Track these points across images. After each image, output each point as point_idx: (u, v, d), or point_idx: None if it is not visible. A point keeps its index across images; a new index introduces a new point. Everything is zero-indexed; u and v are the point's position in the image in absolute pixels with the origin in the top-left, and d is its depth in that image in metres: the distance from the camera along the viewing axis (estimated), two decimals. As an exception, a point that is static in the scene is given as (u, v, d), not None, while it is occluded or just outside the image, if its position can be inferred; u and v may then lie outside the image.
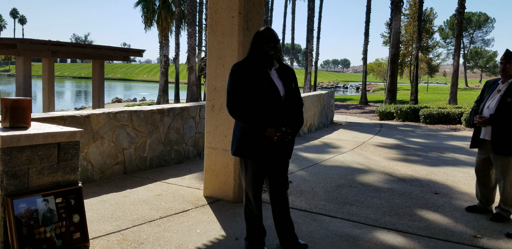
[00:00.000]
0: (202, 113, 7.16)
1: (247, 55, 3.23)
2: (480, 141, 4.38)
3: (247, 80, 3.09)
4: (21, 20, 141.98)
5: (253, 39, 3.18)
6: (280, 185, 3.36)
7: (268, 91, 3.10)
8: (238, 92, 3.10)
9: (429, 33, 41.12)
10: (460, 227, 4.07)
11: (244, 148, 3.18)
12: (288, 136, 3.09)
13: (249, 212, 3.32)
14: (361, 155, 7.86)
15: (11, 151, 2.85)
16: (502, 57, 4.28)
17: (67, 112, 5.41)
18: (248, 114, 3.08)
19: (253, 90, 3.09)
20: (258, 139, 3.11)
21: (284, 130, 3.06)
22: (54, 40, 18.60)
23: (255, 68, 3.14)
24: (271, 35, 3.13)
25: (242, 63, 3.18)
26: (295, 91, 3.28)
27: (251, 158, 3.19)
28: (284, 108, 3.15)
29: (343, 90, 77.20)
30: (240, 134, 3.20)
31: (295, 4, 40.09)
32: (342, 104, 30.43)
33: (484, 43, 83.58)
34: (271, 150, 3.16)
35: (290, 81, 3.25)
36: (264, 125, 3.06)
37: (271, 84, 3.12)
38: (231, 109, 3.14)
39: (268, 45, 3.11)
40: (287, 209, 3.42)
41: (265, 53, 3.13)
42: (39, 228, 2.96)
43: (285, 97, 3.16)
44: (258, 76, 3.12)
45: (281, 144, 3.17)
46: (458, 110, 14.59)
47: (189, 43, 27.42)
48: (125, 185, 5.31)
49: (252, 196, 3.26)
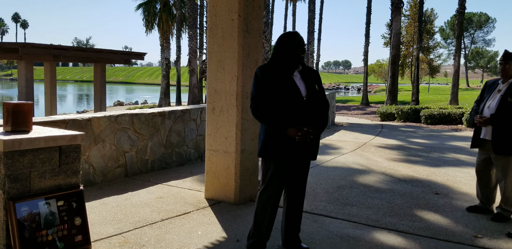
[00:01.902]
0: (203, 115, 7.19)
1: (273, 58, 3.26)
2: (480, 141, 4.39)
3: (270, 83, 3.14)
4: (23, 25, 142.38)
5: (282, 43, 3.22)
6: (299, 186, 3.36)
7: (289, 92, 3.14)
8: (261, 94, 3.15)
9: (429, 33, 41.09)
10: (461, 227, 4.07)
11: (268, 149, 3.20)
12: (310, 135, 3.09)
13: (260, 214, 3.31)
14: (362, 156, 7.87)
15: (13, 154, 2.87)
16: (501, 58, 4.31)
17: (69, 116, 5.44)
18: (270, 115, 3.12)
19: (275, 91, 3.13)
20: (280, 139, 3.13)
21: (305, 130, 3.07)
22: (56, 44, 18.69)
23: (279, 70, 3.19)
24: (301, 40, 3.23)
25: (266, 66, 3.24)
26: (319, 92, 3.29)
27: (274, 159, 3.20)
28: (306, 109, 3.17)
29: (345, 92, 77.18)
30: (264, 135, 3.22)
31: (295, 6, 40.21)
32: (344, 105, 30.42)
33: (485, 43, 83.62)
34: (294, 151, 3.16)
35: (313, 83, 3.28)
36: (286, 125, 3.08)
37: (292, 85, 3.16)
38: (254, 110, 3.19)
39: (301, 50, 3.20)
40: (301, 212, 3.44)
41: (297, 57, 3.21)
42: (41, 231, 2.97)
43: (307, 98, 3.18)
44: (281, 78, 3.16)
45: (304, 145, 3.16)
46: (459, 110, 14.58)
47: (190, 46, 27.47)
48: (127, 187, 5.33)
49: (270, 199, 3.25)
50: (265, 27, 19.73)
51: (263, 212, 3.30)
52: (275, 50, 3.26)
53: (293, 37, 3.22)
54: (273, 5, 37.09)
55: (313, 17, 33.46)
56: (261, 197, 3.30)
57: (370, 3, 30.75)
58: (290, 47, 3.20)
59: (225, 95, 4.61)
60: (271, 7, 37.04)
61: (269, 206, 3.28)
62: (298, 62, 3.23)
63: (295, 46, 3.19)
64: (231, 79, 4.56)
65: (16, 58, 16.88)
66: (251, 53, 4.63)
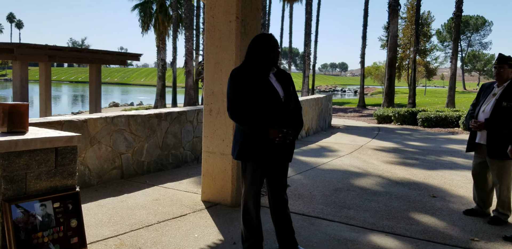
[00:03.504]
0: (199, 117, 7.17)
1: (246, 60, 3.26)
2: (476, 144, 4.40)
3: (246, 85, 3.14)
4: (18, 25, 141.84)
5: (257, 45, 3.22)
6: (279, 187, 3.36)
7: (268, 94, 3.15)
8: (238, 97, 3.14)
9: (426, 36, 41.31)
10: (458, 231, 4.07)
11: (245, 152, 3.20)
12: (290, 137, 3.13)
13: (247, 215, 3.31)
14: (359, 158, 7.87)
15: (9, 155, 2.85)
16: (495, 62, 4.34)
17: (65, 117, 5.41)
18: (250, 118, 3.12)
19: (253, 94, 3.13)
20: (259, 142, 3.14)
21: (285, 131, 3.09)
22: (51, 45, 18.57)
23: (254, 73, 3.19)
24: (277, 42, 3.25)
25: (241, 69, 3.24)
26: (293, 94, 3.32)
27: (252, 161, 3.21)
28: (285, 110, 3.19)
29: (341, 94, 77.35)
30: (241, 137, 3.22)
31: (292, 8, 40.27)
32: (340, 108, 30.48)
33: (482, 46, 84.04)
34: (272, 153, 3.17)
35: (288, 85, 3.31)
36: (266, 126, 3.09)
37: (271, 87, 3.18)
38: (233, 113, 3.17)
39: (276, 52, 3.22)
40: (287, 212, 3.41)
41: (273, 59, 3.23)
42: (36, 233, 2.95)
43: (285, 99, 3.21)
44: (258, 80, 3.17)
45: (281, 147, 3.18)
46: (456, 113, 14.62)
47: (186, 47, 27.47)
48: (123, 189, 5.30)
49: (252, 199, 3.27)
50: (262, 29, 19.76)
51: (249, 213, 3.30)
52: (250, 52, 3.25)
53: (268, 40, 3.22)
54: (270, 7, 37.14)
55: (310, 19, 33.55)
56: (244, 199, 3.30)
57: (367, 5, 30.88)
58: (266, 49, 3.20)
59: (222, 97, 4.59)
60: (268, 9, 37.08)
61: (253, 206, 3.28)
62: (273, 64, 3.25)
63: (271, 49, 3.21)
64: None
65: (11, 58, 16.81)
66: (249, 55, 4.62)
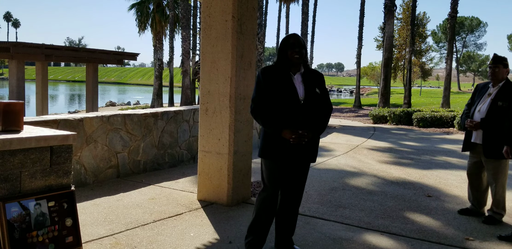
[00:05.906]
0: (196, 117, 7.17)
1: (276, 61, 3.33)
2: (471, 144, 4.42)
3: (269, 84, 3.17)
4: (14, 24, 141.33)
5: (280, 45, 3.29)
6: (294, 195, 3.36)
7: (286, 95, 3.16)
8: (260, 96, 3.19)
9: (422, 37, 41.36)
10: (453, 230, 4.09)
11: (265, 150, 3.24)
12: (305, 138, 3.10)
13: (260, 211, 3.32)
14: (355, 158, 7.89)
15: (3, 154, 2.84)
16: (490, 61, 4.36)
17: (60, 116, 5.40)
18: (267, 117, 3.16)
19: (273, 94, 3.16)
20: (277, 141, 3.16)
21: (300, 132, 3.08)
22: (47, 44, 18.55)
23: (279, 73, 3.22)
24: (296, 41, 3.21)
25: (267, 68, 3.27)
26: (320, 95, 3.28)
27: (271, 159, 3.23)
28: (302, 112, 3.17)
29: (337, 94, 77.41)
30: (263, 136, 3.27)
31: (289, 8, 40.29)
32: (336, 108, 30.49)
33: (477, 47, 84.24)
34: (290, 153, 3.17)
35: (314, 86, 3.27)
36: (281, 126, 3.11)
37: (291, 88, 3.18)
38: (252, 111, 3.25)
39: (293, 51, 3.19)
40: (295, 218, 3.44)
41: (290, 58, 3.22)
42: (31, 232, 2.94)
43: (304, 101, 3.19)
44: (280, 81, 3.19)
45: (300, 147, 3.17)
46: (451, 113, 14.67)
47: (183, 46, 27.43)
48: (119, 188, 5.30)
49: (270, 197, 3.28)
50: (259, 29, 19.76)
51: (261, 210, 3.32)
52: (277, 52, 3.33)
53: (287, 39, 3.25)
54: (266, 7, 37.15)
55: (306, 19, 33.53)
56: (260, 195, 3.35)
57: (363, 6, 30.93)
58: (284, 48, 3.24)
59: (218, 97, 4.60)
60: (264, 9, 37.07)
61: (267, 204, 3.30)
62: (293, 64, 3.23)
63: (288, 48, 3.21)
64: (225, 81, 4.55)
65: (7, 57, 16.76)
66: (244, 55, 4.63)
